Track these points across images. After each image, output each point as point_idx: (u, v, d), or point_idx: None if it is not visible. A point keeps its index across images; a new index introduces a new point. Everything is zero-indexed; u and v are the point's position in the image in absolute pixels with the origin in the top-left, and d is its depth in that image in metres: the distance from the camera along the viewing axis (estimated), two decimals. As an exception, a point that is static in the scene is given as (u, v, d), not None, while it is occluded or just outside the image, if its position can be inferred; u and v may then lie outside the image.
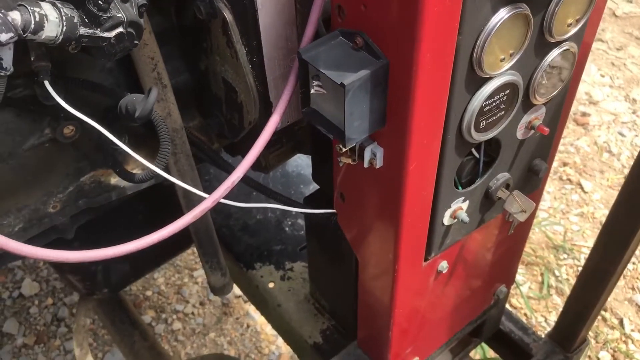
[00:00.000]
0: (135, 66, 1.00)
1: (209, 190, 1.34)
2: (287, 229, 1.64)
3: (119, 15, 0.79)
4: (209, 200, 0.85)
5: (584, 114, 3.26)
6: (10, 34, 0.71)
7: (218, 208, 1.60)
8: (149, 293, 2.47)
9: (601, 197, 2.80)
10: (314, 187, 1.32)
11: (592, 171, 2.93)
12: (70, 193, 1.13)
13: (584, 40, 0.91)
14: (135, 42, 0.84)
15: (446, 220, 0.97)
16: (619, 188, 1.17)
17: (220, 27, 0.93)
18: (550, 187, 2.82)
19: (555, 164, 2.96)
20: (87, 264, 1.38)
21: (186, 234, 1.30)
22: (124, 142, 1.11)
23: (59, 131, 1.02)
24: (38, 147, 1.03)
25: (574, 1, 0.81)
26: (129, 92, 1.07)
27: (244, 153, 1.18)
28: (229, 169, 1.18)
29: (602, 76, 3.49)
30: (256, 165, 1.33)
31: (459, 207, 0.97)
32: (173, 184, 1.17)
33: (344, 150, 0.82)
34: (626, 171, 2.94)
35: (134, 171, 1.12)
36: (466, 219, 0.97)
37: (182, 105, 1.14)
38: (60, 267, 1.39)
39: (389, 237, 0.96)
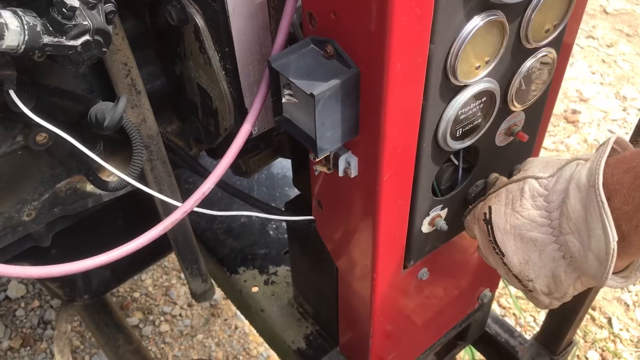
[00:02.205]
0: (108, 72, 0.98)
1: (194, 191, 1.32)
2: (271, 232, 1.62)
3: (85, 22, 0.77)
4: (179, 212, 0.83)
5: (574, 112, 3.25)
6: (-32, 45, 0.69)
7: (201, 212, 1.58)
8: (136, 295, 2.46)
9: (591, 196, 2.79)
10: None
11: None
12: (45, 200, 1.11)
13: (563, 46, 0.89)
14: (104, 49, 0.81)
15: (425, 228, 0.96)
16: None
17: (192, 33, 0.91)
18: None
19: (545, 162, 2.95)
20: (65, 270, 1.36)
21: (166, 239, 1.28)
22: (98, 149, 1.10)
23: (31, 138, 1.00)
24: (10, 155, 1.01)
25: (551, 7, 0.80)
26: (103, 97, 1.06)
27: (224, 151, 1.16)
28: (207, 175, 1.16)
29: (593, 73, 3.49)
30: (237, 170, 1.31)
31: (438, 215, 0.96)
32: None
33: (318, 159, 0.81)
34: (616, 169, 2.93)
35: (109, 178, 1.10)
36: (445, 227, 0.95)
37: (159, 109, 1.13)
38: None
39: (366, 245, 0.94)
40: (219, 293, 2.11)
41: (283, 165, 1.79)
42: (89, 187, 1.14)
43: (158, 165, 1.10)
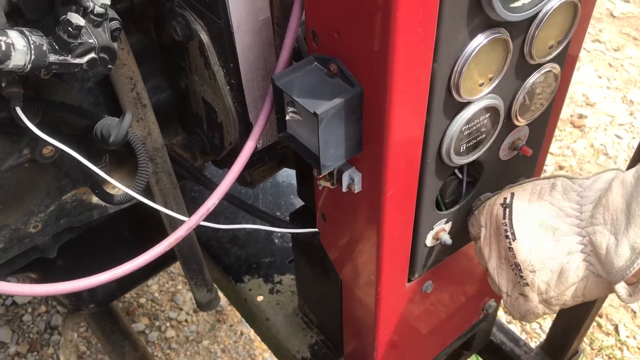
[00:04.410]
0: (114, 86, 0.98)
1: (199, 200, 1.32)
2: (276, 240, 1.62)
3: (91, 41, 0.77)
4: (184, 228, 0.84)
5: (580, 116, 3.24)
6: (-25, 65, 0.69)
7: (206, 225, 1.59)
8: (142, 300, 2.46)
9: (597, 201, 2.78)
10: (302, 199, 1.31)
11: (588, 174, 2.91)
12: (52, 212, 1.11)
13: (566, 61, 0.89)
14: (109, 66, 0.82)
15: (429, 242, 0.96)
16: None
17: (197, 49, 0.91)
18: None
19: (551, 167, 2.95)
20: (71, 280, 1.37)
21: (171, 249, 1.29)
22: (104, 161, 1.10)
23: (37, 151, 1.01)
24: (17, 168, 1.02)
25: (555, 24, 0.80)
26: (108, 110, 1.06)
27: (229, 167, 1.17)
28: (212, 187, 1.17)
29: (599, 77, 3.47)
30: (241, 181, 1.31)
31: (442, 229, 0.96)
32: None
33: (321, 175, 0.81)
34: (623, 174, 2.92)
35: (115, 191, 1.11)
36: (449, 241, 0.95)
37: (165, 121, 1.13)
38: (44, 282, 1.37)
39: (370, 259, 0.94)
40: (224, 299, 2.12)
41: (288, 174, 1.79)
42: (95, 199, 1.14)
43: (163, 178, 1.11)
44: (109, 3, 0.79)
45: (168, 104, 1.13)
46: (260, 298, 1.51)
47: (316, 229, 1.07)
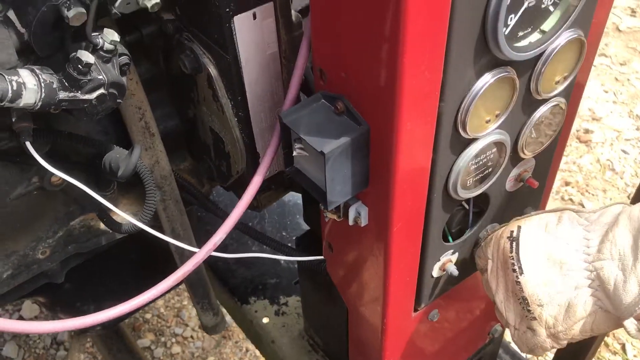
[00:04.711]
0: (122, 115, 0.99)
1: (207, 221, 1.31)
2: (282, 261, 1.63)
3: (100, 77, 0.78)
4: (190, 263, 0.84)
5: (586, 131, 3.23)
6: (-12, 105, 0.70)
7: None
8: (148, 316, 2.47)
9: (604, 218, 2.77)
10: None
11: (594, 190, 2.91)
12: (60, 238, 1.12)
13: (573, 93, 0.90)
14: (118, 100, 0.83)
15: (435, 273, 0.96)
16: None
17: (206, 81, 0.92)
18: (552, 206, 2.79)
19: (557, 183, 2.94)
20: (78, 303, 1.37)
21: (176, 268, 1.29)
22: (112, 188, 1.11)
23: (46, 179, 1.02)
24: (26, 195, 1.03)
25: (561, 60, 0.80)
26: (117, 139, 1.07)
27: (236, 191, 1.17)
28: (218, 213, 1.17)
29: (606, 92, 3.47)
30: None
31: (448, 260, 0.96)
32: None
33: (328, 211, 0.81)
34: (630, 190, 2.91)
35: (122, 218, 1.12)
36: (455, 272, 0.95)
37: (173, 147, 1.14)
38: (52, 307, 1.38)
39: (377, 290, 0.94)
40: (224, 329, 2.12)
41: (294, 193, 1.79)
42: (103, 225, 1.15)
43: (171, 205, 1.11)
44: (119, 40, 0.80)
45: (176, 131, 1.14)
46: (266, 320, 1.51)
47: (322, 257, 1.07)
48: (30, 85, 0.73)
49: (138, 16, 0.84)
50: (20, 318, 2.50)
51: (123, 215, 0.94)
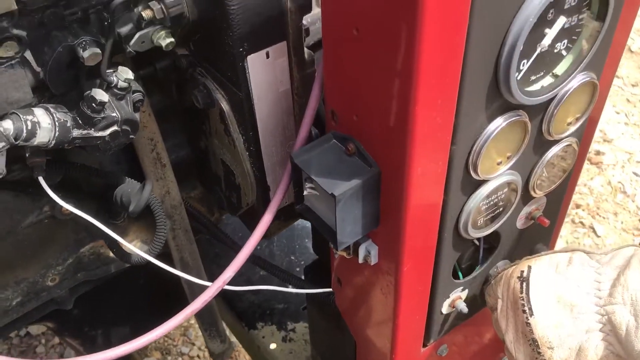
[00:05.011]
0: (134, 146, 1.00)
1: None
2: (290, 286, 1.62)
3: (114, 114, 0.79)
4: (199, 301, 0.84)
5: (598, 153, 3.22)
6: (2, 144, 0.71)
7: (221, 264, 1.59)
8: (155, 334, 2.46)
9: (614, 242, 2.75)
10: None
11: (605, 213, 2.89)
12: (69, 265, 1.13)
13: (585, 132, 0.89)
14: (131, 136, 0.84)
15: (445, 309, 0.96)
16: (634, 231, 1.13)
17: (218, 116, 0.93)
18: (563, 230, 2.77)
19: (567, 205, 2.92)
20: (86, 328, 1.38)
21: (185, 297, 1.29)
22: (122, 217, 1.11)
23: (57, 208, 1.02)
24: (37, 224, 1.03)
25: (573, 102, 0.80)
26: (129, 169, 1.08)
27: (246, 220, 1.18)
28: (228, 242, 1.18)
29: (617, 113, 3.45)
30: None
31: (458, 297, 0.95)
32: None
33: (338, 251, 0.81)
34: (641, 213, 2.89)
35: (133, 243, 1.12)
36: (465, 309, 0.95)
37: (184, 176, 1.15)
38: (60, 331, 1.38)
39: (385, 326, 0.94)
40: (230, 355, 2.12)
41: (303, 217, 1.79)
42: (112, 253, 1.15)
43: (180, 235, 1.12)
44: (133, 77, 0.80)
45: (187, 161, 1.15)
46: (273, 346, 1.50)
47: (331, 289, 1.06)
48: (44, 125, 0.73)
49: (152, 51, 0.85)
50: (27, 334, 2.50)
51: (132, 249, 0.94)
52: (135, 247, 1.08)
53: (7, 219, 1.00)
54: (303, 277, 1.31)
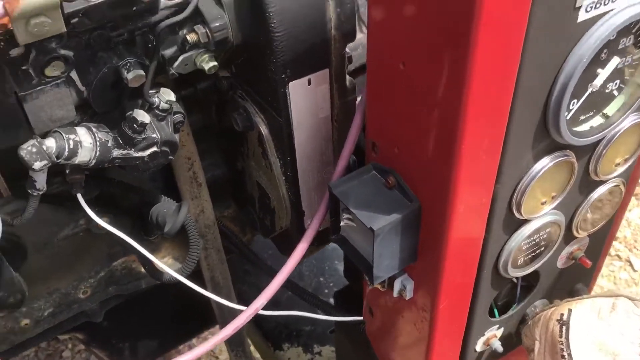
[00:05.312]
0: (172, 165, 1.00)
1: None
2: (319, 311, 1.60)
3: (154, 135, 0.79)
4: (230, 328, 0.84)
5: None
6: (44, 162, 0.71)
7: (250, 282, 1.58)
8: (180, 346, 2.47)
9: (652, 276, 2.66)
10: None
11: (643, 249, 2.80)
12: (101, 278, 1.13)
13: (633, 174, 0.86)
14: (170, 157, 0.83)
15: (479, 347, 0.93)
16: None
17: (256, 139, 0.92)
18: (598, 261, 2.70)
19: (604, 236, 2.84)
20: (114, 340, 1.38)
21: (213, 312, 1.28)
22: (155, 234, 1.11)
23: (93, 223, 1.03)
24: (72, 237, 1.04)
25: (623, 143, 0.77)
26: (164, 186, 1.08)
27: (277, 242, 1.17)
28: (259, 264, 1.17)
29: (658, 144, 3.36)
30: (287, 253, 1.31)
31: (493, 335, 0.93)
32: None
33: (373, 286, 0.80)
34: (680, 248, 2.79)
35: (165, 260, 1.12)
36: (500, 348, 0.92)
37: (218, 195, 1.14)
38: (88, 342, 1.39)
39: (416, 361, 0.92)
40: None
41: (334, 238, 1.78)
42: (143, 269, 1.16)
43: (212, 254, 1.11)
44: (174, 99, 0.80)
45: (222, 180, 1.14)
46: (298, 368, 1.49)
47: (361, 318, 1.05)
48: (86, 144, 0.74)
49: (193, 72, 0.85)
50: (55, 339, 2.53)
51: (164, 268, 0.94)
52: (167, 265, 1.08)
53: (44, 231, 1.01)
54: (333, 302, 1.30)
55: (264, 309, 1.60)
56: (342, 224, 0.77)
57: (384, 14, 0.64)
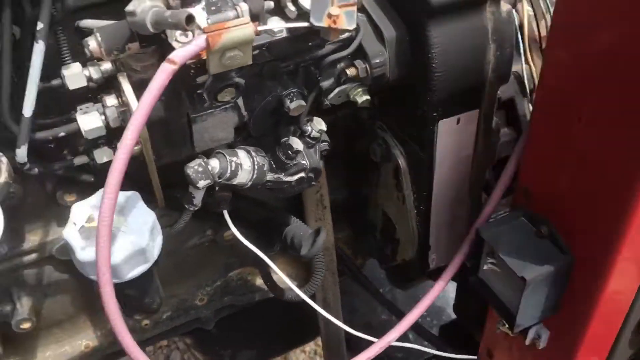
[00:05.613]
0: (300, 186, 1.02)
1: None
2: (410, 335, 1.59)
3: (304, 162, 0.81)
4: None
5: None
6: (208, 181, 0.75)
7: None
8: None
9: None
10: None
11: None
12: (218, 287, 1.17)
13: None
14: (313, 183, 0.86)
15: (604, 404, 0.90)
16: None
17: (392, 170, 0.93)
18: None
19: None
20: (217, 347, 1.42)
21: (314, 326, 1.30)
22: (276, 248, 1.14)
23: (220, 234, 1.07)
24: (199, 246, 1.08)
25: None
26: (288, 203, 1.10)
27: (393, 271, 1.17)
28: (371, 289, 1.18)
29: None
30: (397, 284, 1.31)
31: (620, 393, 0.90)
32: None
33: (512, 334, 0.79)
34: None
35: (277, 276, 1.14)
36: (627, 408, 0.89)
37: (335, 218, 1.16)
38: (193, 346, 1.44)
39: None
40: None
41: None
42: (259, 281, 1.18)
43: (327, 276, 1.13)
44: (325, 129, 0.83)
45: (341, 204, 1.16)
46: (389, 396, 1.48)
47: (475, 358, 1.03)
48: (245, 167, 0.77)
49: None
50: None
51: (291, 286, 0.96)
52: (278, 281, 1.11)
53: (174, 240, 1.06)
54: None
55: (358, 321, 1.60)
56: (484, 267, 0.77)
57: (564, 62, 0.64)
